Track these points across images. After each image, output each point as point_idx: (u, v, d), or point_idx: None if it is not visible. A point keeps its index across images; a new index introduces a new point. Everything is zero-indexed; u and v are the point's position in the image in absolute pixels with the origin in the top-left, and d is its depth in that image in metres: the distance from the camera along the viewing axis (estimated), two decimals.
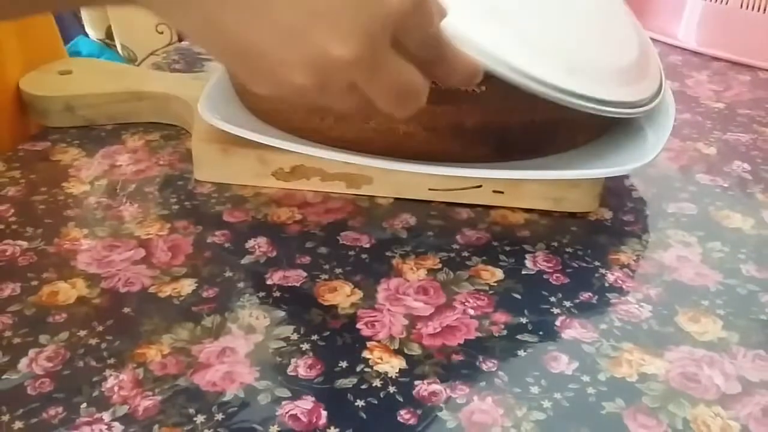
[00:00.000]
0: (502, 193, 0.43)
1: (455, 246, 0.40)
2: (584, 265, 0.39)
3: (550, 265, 0.39)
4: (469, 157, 0.40)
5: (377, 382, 0.31)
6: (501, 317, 0.35)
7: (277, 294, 0.36)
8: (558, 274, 0.38)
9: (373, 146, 0.40)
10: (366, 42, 0.26)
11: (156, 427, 0.28)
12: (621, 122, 0.45)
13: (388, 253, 0.39)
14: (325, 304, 0.35)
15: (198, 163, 0.44)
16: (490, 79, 0.38)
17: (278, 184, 0.44)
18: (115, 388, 0.30)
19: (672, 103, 0.47)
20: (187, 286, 0.36)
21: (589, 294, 0.37)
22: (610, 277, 0.38)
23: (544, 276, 0.38)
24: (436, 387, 0.31)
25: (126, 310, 0.34)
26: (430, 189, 0.43)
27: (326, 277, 0.37)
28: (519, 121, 0.39)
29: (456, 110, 0.38)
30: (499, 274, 0.38)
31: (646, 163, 0.40)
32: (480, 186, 0.43)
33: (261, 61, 0.27)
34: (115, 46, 1.14)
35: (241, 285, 0.36)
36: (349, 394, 0.30)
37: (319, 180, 0.44)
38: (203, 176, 0.45)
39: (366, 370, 0.32)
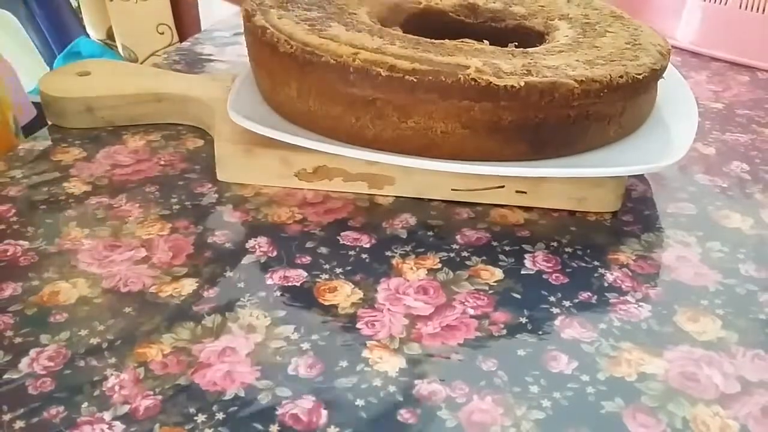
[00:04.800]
0: (525, 193, 0.43)
1: (455, 246, 0.40)
2: (583, 264, 0.39)
3: (550, 264, 0.39)
4: (504, 154, 0.40)
5: (377, 382, 0.31)
6: (501, 317, 0.35)
7: (278, 294, 0.36)
8: (557, 274, 0.38)
9: (409, 146, 0.40)
10: None
11: (157, 426, 0.29)
12: (649, 121, 0.46)
13: (388, 253, 0.39)
14: (325, 303, 0.35)
15: (221, 165, 0.44)
16: (528, 74, 0.38)
17: (301, 184, 0.44)
18: (116, 388, 0.30)
19: (694, 102, 0.48)
20: (188, 285, 0.36)
21: (589, 294, 0.37)
22: (610, 277, 0.38)
23: (544, 276, 0.38)
24: (436, 387, 0.31)
25: (127, 309, 0.34)
26: (453, 189, 0.43)
27: (326, 277, 0.37)
28: (556, 117, 0.39)
29: (495, 107, 0.38)
30: (499, 273, 0.38)
31: (675, 162, 0.40)
32: (503, 186, 0.43)
33: None
34: (115, 46, 1.14)
35: (241, 285, 0.36)
36: (349, 394, 0.30)
37: (342, 180, 0.44)
38: (226, 177, 0.45)
39: (366, 369, 0.32)
